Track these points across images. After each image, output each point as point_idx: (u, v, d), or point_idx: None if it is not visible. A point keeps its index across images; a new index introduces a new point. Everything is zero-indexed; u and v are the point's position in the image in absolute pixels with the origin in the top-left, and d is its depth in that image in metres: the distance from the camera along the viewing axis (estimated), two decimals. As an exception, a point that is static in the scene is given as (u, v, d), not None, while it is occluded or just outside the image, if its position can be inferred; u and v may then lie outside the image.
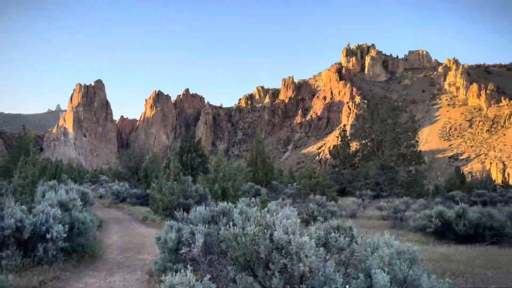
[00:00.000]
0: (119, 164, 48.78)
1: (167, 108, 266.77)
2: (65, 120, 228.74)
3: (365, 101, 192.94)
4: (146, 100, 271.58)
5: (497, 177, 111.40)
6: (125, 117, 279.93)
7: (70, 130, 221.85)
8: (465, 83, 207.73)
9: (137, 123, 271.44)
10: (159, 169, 27.43)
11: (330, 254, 4.57)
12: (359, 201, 30.47)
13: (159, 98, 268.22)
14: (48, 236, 9.00)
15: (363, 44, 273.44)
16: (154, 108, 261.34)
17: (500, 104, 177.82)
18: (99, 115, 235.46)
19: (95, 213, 18.11)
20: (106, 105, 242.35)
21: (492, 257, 10.70)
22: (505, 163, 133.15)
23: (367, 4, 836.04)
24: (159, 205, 17.77)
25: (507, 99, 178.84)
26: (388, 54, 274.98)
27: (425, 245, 13.08)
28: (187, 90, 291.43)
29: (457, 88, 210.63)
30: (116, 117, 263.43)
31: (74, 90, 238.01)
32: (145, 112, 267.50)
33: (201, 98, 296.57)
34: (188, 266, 4.94)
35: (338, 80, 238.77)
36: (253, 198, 15.59)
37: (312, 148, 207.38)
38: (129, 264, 10.20)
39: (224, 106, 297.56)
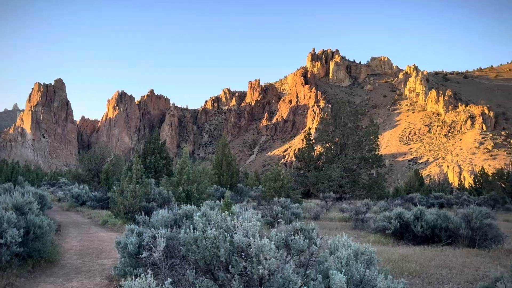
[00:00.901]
0: (79, 166, 47.37)
1: (130, 109, 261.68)
2: (22, 120, 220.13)
3: (329, 105, 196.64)
4: (108, 101, 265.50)
5: (453, 180, 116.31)
6: (86, 117, 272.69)
7: (28, 130, 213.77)
8: (424, 89, 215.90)
9: (99, 124, 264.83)
10: (120, 171, 26.86)
11: (290, 256, 4.63)
12: (323, 203, 30.93)
13: (122, 98, 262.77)
14: (1, 241, 8.61)
15: (327, 50, 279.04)
16: (117, 109, 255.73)
17: (457, 110, 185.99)
18: (59, 116, 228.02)
19: (53, 217, 17.51)
20: (66, 105, 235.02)
21: (447, 257, 11.14)
22: (461, 166, 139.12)
23: (332, 10, 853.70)
24: (120, 209, 17.37)
25: (463, 105, 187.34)
26: (352, 60, 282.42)
27: (384, 246, 13.44)
28: (151, 91, 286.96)
29: (417, 94, 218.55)
30: (77, 117, 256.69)
31: (32, 89, 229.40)
32: (107, 113, 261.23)
33: (166, 100, 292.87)
34: (149, 270, 4.86)
35: (303, 84, 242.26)
36: (217, 201, 15.55)
37: (278, 151, 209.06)
38: (87, 269, 9.92)
39: (190, 108, 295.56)
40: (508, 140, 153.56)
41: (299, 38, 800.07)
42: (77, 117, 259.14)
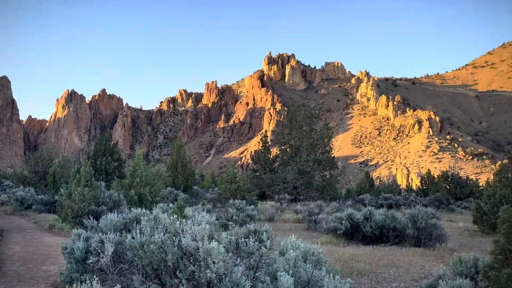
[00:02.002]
0: (25, 167, 45.04)
1: (80, 108, 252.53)
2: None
3: (285, 108, 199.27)
4: (57, 100, 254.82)
5: (402, 182, 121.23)
6: (33, 117, 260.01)
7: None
8: (375, 94, 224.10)
9: (47, 124, 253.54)
10: (69, 173, 25.80)
11: (240, 258, 4.62)
12: (278, 204, 31.18)
13: (72, 97, 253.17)
14: None
15: (283, 54, 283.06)
16: (66, 108, 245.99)
17: (406, 115, 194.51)
18: (4, 115, 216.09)
19: (-6, 222, 16.53)
20: (12, 103, 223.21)
21: (394, 257, 11.56)
22: (409, 169, 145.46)
23: (288, 13, 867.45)
24: (68, 213, 16.67)
25: (411, 110, 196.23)
26: (307, 64, 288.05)
27: (335, 246, 13.76)
28: (103, 91, 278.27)
29: (368, 99, 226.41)
30: (23, 117, 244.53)
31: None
32: (56, 113, 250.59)
33: (119, 99, 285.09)
34: (95, 276, 4.69)
35: (260, 87, 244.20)
36: (171, 204, 15.29)
37: (235, 153, 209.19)
38: (31, 276, 9.43)
39: (144, 108, 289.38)
40: (452, 144, 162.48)
41: (256, 40, 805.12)
42: (23, 117, 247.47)
